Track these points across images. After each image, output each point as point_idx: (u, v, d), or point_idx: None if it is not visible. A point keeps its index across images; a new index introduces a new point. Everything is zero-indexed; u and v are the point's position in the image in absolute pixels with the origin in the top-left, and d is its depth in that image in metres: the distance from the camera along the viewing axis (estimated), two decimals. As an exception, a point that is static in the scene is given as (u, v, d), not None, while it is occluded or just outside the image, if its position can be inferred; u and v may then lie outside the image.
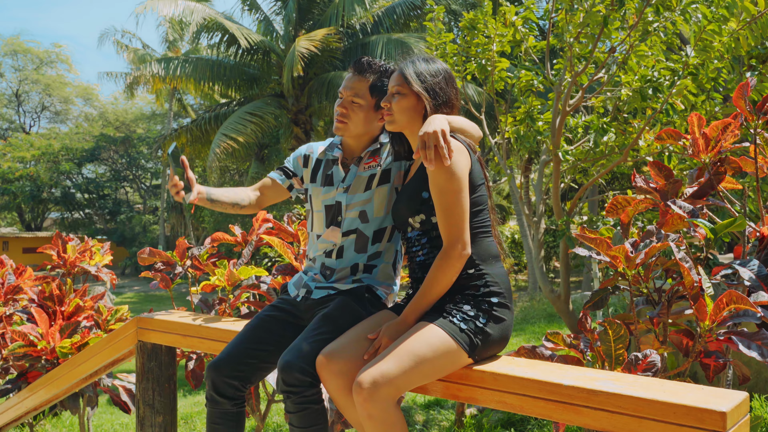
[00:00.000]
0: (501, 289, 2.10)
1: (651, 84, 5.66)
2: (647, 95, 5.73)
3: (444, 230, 2.05)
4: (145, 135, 37.77)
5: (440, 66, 2.25)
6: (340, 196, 2.44)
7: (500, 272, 2.14)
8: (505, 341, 2.10)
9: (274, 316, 2.39)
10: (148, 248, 3.28)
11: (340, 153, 2.49)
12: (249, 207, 2.57)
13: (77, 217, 37.28)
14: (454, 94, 2.25)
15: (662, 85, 5.63)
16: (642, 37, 5.57)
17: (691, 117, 2.61)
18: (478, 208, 2.14)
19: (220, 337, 2.69)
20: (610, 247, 2.21)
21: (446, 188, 2.03)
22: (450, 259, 2.02)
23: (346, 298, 2.31)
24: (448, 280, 2.05)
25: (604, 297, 2.33)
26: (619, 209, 2.58)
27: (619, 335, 2.09)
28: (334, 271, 2.44)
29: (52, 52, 40.67)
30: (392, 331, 2.06)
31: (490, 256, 2.14)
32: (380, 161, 2.43)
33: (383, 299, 2.41)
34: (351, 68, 2.49)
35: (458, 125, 2.18)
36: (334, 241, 2.44)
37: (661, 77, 5.63)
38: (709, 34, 5.25)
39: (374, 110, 2.40)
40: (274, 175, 2.62)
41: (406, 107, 2.22)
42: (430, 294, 2.07)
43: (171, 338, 2.89)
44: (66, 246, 4.14)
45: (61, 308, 4.00)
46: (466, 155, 2.10)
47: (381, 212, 2.42)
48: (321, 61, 18.18)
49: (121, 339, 3.10)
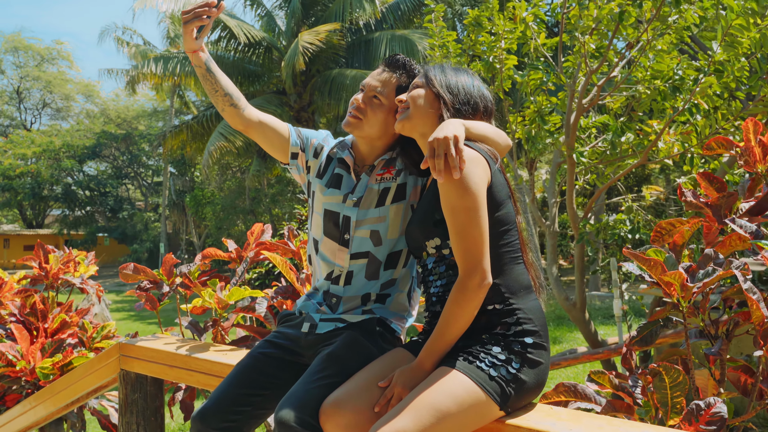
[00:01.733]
0: (536, 327, 1.77)
1: (672, 82, 5.36)
2: (667, 94, 5.43)
3: (459, 257, 1.72)
4: (146, 132, 37.50)
5: (470, 75, 1.95)
6: (348, 210, 2.09)
7: (534, 306, 1.81)
8: (541, 387, 1.78)
9: (270, 355, 2.04)
10: (131, 264, 2.93)
11: (351, 158, 2.15)
12: (240, 117, 2.12)
13: (79, 214, 37.06)
14: (482, 100, 1.93)
15: (684, 84, 5.33)
16: (660, 32, 5.28)
17: (746, 123, 2.29)
18: (504, 227, 1.81)
19: (210, 370, 2.37)
20: (665, 272, 1.89)
21: (458, 206, 1.70)
22: (467, 291, 1.69)
23: (354, 333, 1.97)
24: (467, 317, 1.72)
25: (653, 331, 2.01)
26: (665, 236, 2.26)
27: (677, 381, 1.77)
28: (340, 299, 2.09)
29: (53, 48, 40.44)
30: (407, 378, 1.73)
31: (521, 288, 1.82)
32: (394, 173, 2.10)
33: (397, 333, 2.08)
34: (382, 63, 2.15)
35: (479, 131, 1.86)
36: (341, 264, 2.09)
37: (686, 76, 5.33)
38: (737, 28, 4.94)
39: (395, 114, 2.05)
40: (291, 130, 2.20)
41: (422, 103, 1.91)
42: (447, 334, 1.73)
43: (156, 368, 2.57)
44: (48, 257, 3.82)
45: (44, 324, 3.69)
46: (484, 166, 1.77)
47: (395, 233, 2.08)
48: (324, 57, 17.88)
49: (102, 367, 2.79)
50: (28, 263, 3.88)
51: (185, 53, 18.96)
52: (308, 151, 2.21)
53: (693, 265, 1.98)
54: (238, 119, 2.13)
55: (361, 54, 18.57)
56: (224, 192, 27.83)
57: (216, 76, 2.11)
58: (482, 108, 1.93)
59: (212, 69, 2.11)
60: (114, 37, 29.01)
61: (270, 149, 2.20)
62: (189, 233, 32.91)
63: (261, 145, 2.21)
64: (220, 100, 2.12)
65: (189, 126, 19.54)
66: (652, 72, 5.37)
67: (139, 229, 35.32)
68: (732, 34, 4.96)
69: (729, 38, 4.99)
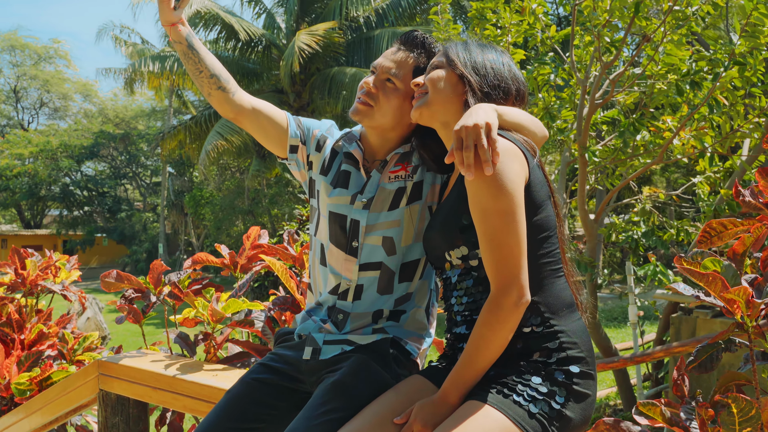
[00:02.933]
0: (582, 353, 1.49)
1: (688, 76, 5.09)
2: (684, 90, 5.16)
3: (491, 269, 1.43)
4: (145, 132, 37.19)
5: (499, 52, 1.66)
6: (357, 213, 1.79)
7: (578, 328, 1.53)
8: (586, 424, 1.49)
9: (265, 381, 1.74)
10: (114, 271, 2.63)
11: (360, 151, 1.85)
12: (229, 103, 1.81)
13: (77, 214, 36.78)
14: (514, 82, 1.65)
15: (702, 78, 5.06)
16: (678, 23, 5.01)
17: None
18: (543, 234, 1.52)
19: (199, 394, 2.09)
20: (727, 288, 1.61)
21: (491, 208, 1.42)
22: (501, 310, 1.41)
23: (363, 357, 1.68)
24: (501, 342, 1.44)
25: (714, 355, 1.73)
26: (714, 238, 1.96)
27: (748, 416, 1.49)
28: (348, 316, 1.79)
29: (50, 47, 40.11)
30: (428, 414, 1.45)
31: (563, 306, 1.53)
32: (410, 170, 1.81)
33: (414, 356, 1.78)
34: (397, 41, 1.84)
35: (513, 119, 1.57)
36: (349, 277, 1.79)
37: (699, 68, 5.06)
38: (758, 18, 4.67)
39: (412, 101, 1.74)
40: (290, 119, 1.89)
41: (442, 87, 1.62)
42: (477, 362, 1.44)
43: (138, 390, 2.29)
44: (25, 262, 3.53)
45: (21, 336, 3.41)
46: (521, 160, 1.48)
47: (410, 240, 1.78)
48: (323, 56, 17.60)
49: (80, 386, 2.50)
50: (2, 269, 3.59)
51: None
52: (310, 143, 1.89)
53: (759, 277, 1.70)
54: (228, 105, 1.82)
55: (361, 52, 18.31)
56: (223, 192, 27.52)
57: (199, 53, 1.80)
58: (514, 91, 1.64)
59: (194, 45, 1.81)
60: (112, 36, 28.75)
61: (265, 141, 1.88)
62: (188, 234, 32.58)
63: (255, 136, 1.89)
64: (206, 83, 1.81)
65: (187, 127, 19.28)
66: (663, 66, 5.11)
67: (138, 230, 35.01)
68: (753, 23, 4.69)
69: (750, 28, 4.72)
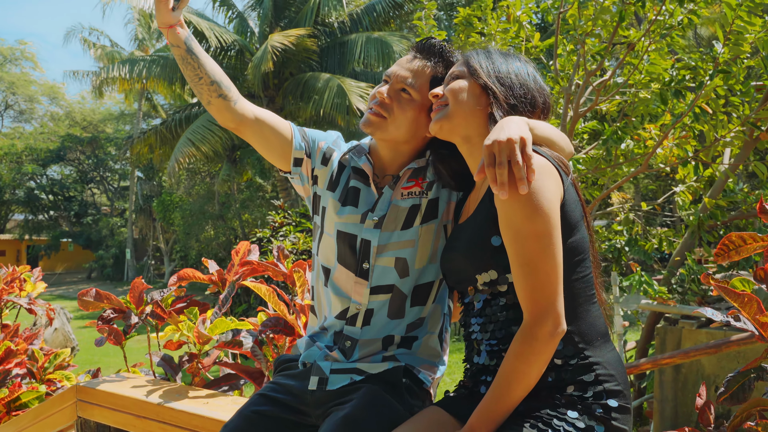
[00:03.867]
0: (619, 386, 1.38)
1: (673, 86, 5.06)
2: (668, 98, 5.13)
3: (525, 297, 1.33)
4: (113, 135, 36.59)
5: (523, 61, 1.55)
6: (368, 233, 1.66)
7: (613, 359, 1.42)
8: (621, 461, 1.39)
9: (266, 414, 1.60)
10: (93, 289, 2.45)
11: (370, 166, 1.72)
12: (230, 112, 1.68)
13: (42, 219, 36.05)
14: (540, 93, 1.53)
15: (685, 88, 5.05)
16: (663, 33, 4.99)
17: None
18: (579, 257, 1.42)
19: (188, 424, 1.94)
20: (762, 311, 1.51)
21: (526, 230, 1.31)
22: (536, 342, 1.30)
23: (375, 388, 1.55)
24: (535, 375, 1.33)
25: (746, 384, 1.63)
26: (732, 252, 1.87)
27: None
28: (356, 343, 1.66)
29: (16, 49, 39.24)
30: (456, 452, 1.34)
31: (598, 335, 1.42)
32: (424, 186, 1.69)
33: (427, 385, 1.66)
34: (412, 48, 1.71)
35: (544, 133, 1.47)
36: (359, 300, 1.66)
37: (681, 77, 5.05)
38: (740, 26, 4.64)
39: (428, 113, 1.63)
40: (295, 131, 1.75)
41: (464, 98, 1.50)
42: (508, 396, 1.33)
43: (121, 418, 2.13)
44: (-9, 276, 3.34)
45: (-12, 354, 3.21)
46: (556, 179, 1.38)
47: (424, 261, 1.66)
48: (296, 61, 17.41)
49: (57, 412, 2.33)
50: (-32, 284, 3.40)
51: (150, 59, 18.38)
52: (315, 156, 1.76)
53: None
54: (229, 114, 1.68)
55: (335, 57, 18.13)
56: (193, 197, 27.15)
57: (199, 58, 1.66)
58: (541, 104, 1.53)
59: (194, 49, 1.66)
60: (80, 38, 28.30)
61: (267, 153, 1.75)
62: (156, 239, 32.08)
63: (256, 147, 1.75)
64: (206, 90, 1.67)
65: (157, 131, 18.92)
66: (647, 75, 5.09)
67: (105, 235, 34.42)
68: (736, 31, 4.67)
69: (733, 36, 4.70)
